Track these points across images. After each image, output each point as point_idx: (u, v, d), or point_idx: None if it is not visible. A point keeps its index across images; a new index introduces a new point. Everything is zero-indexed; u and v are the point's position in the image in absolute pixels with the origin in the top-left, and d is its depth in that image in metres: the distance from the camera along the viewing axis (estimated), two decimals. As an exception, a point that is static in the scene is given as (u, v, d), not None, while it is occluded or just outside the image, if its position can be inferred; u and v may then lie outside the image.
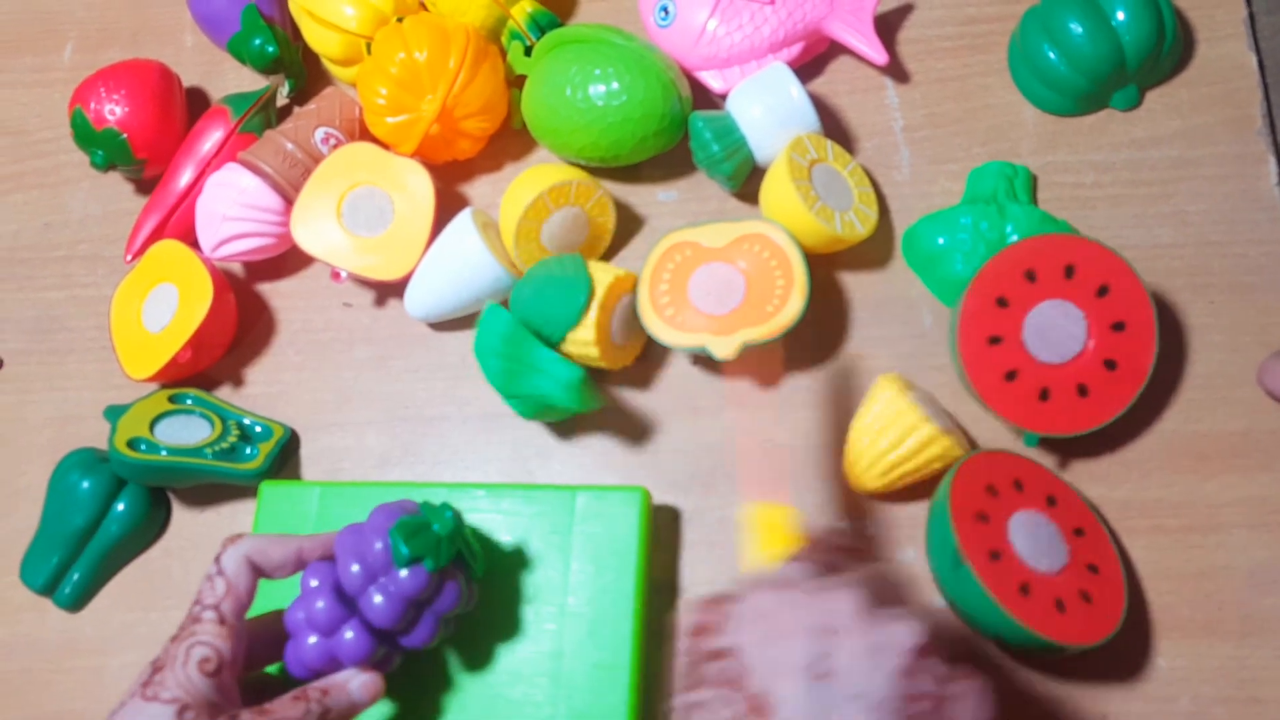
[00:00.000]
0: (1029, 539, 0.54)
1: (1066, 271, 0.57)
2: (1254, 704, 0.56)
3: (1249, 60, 0.66)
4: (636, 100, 0.63)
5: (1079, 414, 0.57)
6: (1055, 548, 0.54)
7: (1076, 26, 0.62)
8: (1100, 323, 0.56)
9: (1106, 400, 0.56)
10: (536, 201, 0.62)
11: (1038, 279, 0.57)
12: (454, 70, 0.64)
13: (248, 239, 0.67)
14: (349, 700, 0.50)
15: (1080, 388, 0.56)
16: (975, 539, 0.53)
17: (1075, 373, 0.57)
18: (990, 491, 0.55)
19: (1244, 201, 0.63)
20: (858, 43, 0.66)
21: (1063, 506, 0.56)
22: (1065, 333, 0.57)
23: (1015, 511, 0.55)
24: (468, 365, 0.67)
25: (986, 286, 0.57)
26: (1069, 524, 0.56)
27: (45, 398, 0.71)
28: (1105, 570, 0.55)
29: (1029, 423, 0.57)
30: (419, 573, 0.51)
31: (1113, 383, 0.56)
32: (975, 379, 0.57)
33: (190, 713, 0.47)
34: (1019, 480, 0.56)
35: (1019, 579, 0.53)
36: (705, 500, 0.62)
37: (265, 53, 0.70)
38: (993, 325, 0.57)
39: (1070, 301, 0.57)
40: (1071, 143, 0.66)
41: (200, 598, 0.50)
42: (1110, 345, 0.56)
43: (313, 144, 0.68)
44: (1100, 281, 0.56)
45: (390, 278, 0.65)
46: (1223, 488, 0.59)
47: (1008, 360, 0.57)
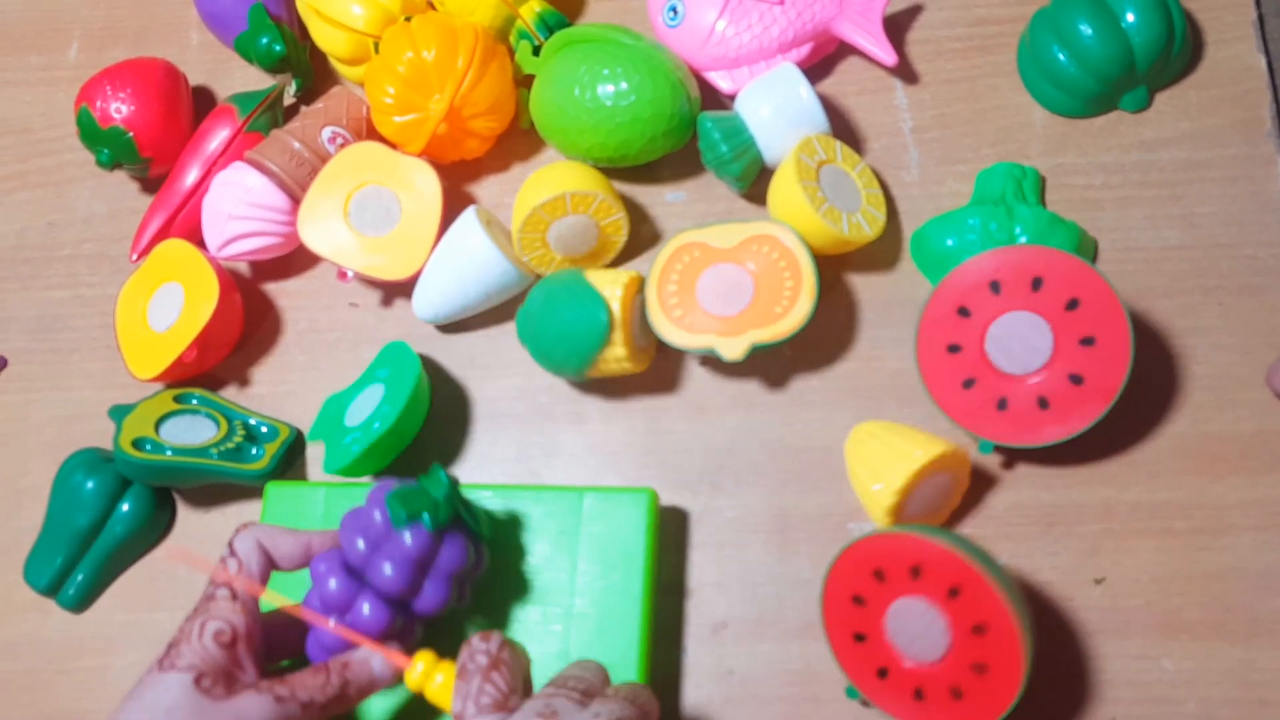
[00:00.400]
0: (905, 626, 0.52)
1: (1034, 284, 0.56)
2: (1262, 706, 0.56)
3: (1258, 62, 0.66)
4: (645, 100, 0.63)
5: (1037, 426, 0.56)
6: (934, 639, 0.51)
7: (1086, 28, 0.62)
8: (1067, 337, 0.55)
9: (1069, 414, 0.55)
10: (556, 199, 0.61)
11: (1002, 290, 0.56)
12: (462, 70, 0.64)
13: (254, 238, 0.67)
14: (370, 675, 0.51)
15: (1040, 400, 0.56)
16: (841, 620, 0.53)
17: (1037, 386, 0.56)
18: (877, 576, 0.52)
19: (1253, 203, 0.63)
20: (867, 43, 0.66)
21: (929, 573, 0.51)
22: (1027, 345, 0.56)
23: (886, 609, 0.52)
24: (473, 365, 0.67)
25: (948, 295, 0.57)
26: (968, 620, 0.50)
27: (50, 397, 0.71)
28: (992, 625, 0.50)
29: (984, 431, 0.56)
30: (419, 531, 0.51)
31: (1078, 397, 0.55)
32: (932, 385, 0.57)
33: (207, 679, 0.47)
34: (919, 567, 0.51)
35: (879, 663, 0.52)
36: (713, 501, 0.62)
37: (272, 51, 0.70)
38: (952, 334, 0.57)
39: (1036, 314, 0.56)
40: (1080, 144, 0.66)
41: (214, 578, 0.50)
42: (1076, 360, 0.55)
43: (320, 143, 0.68)
44: (1069, 295, 0.55)
45: (397, 277, 0.65)
46: (1231, 489, 0.59)
47: (965, 369, 0.57)
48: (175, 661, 0.47)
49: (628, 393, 0.65)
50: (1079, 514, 0.59)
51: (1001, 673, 0.50)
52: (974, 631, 0.50)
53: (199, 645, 0.48)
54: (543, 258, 0.64)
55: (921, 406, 0.62)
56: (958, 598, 0.50)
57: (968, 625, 0.50)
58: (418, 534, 0.51)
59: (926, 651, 0.51)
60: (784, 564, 0.60)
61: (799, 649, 0.59)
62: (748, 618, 0.60)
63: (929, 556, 0.51)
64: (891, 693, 0.53)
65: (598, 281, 0.60)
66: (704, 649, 0.60)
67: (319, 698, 0.49)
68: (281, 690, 0.48)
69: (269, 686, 0.48)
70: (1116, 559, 0.58)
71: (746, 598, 0.60)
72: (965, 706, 0.51)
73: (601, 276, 0.61)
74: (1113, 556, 0.58)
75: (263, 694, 0.48)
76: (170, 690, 0.47)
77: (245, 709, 0.47)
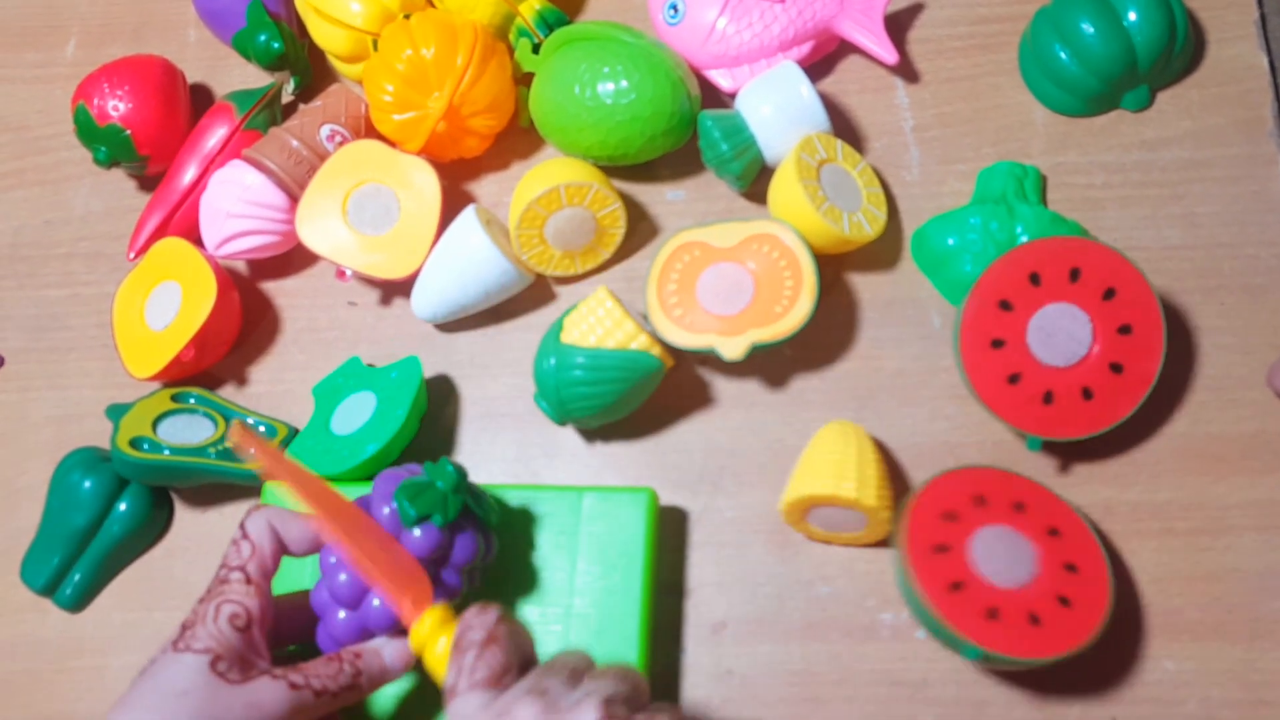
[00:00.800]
0: (993, 557, 0.53)
1: (1072, 275, 0.56)
2: (1263, 707, 0.55)
3: (1260, 61, 0.66)
4: (645, 99, 0.62)
5: (1083, 418, 0.56)
6: (1023, 558, 0.53)
7: (1088, 26, 0.62)
8: (1106, 326, 0.56)
9: (1112, 404, 0.56)
10: (551, 192, 0.61)
11: (1042, 282, 0.56)
12: (461, 67, 0.64)
13: (252, 236, 0.67)
14: (381, 666, 0.51)
15: (1085, 391, 0.56)
16: (933, 576, 0.53)
17: (1080, 376, 0.56)
18: (948, 518, 0.54)
19: (1255, 203, 0.63)
20: (868, 42, 0.66)
21: (1032, 510, 0.54)
22: (1070, 336, 0.56)
23: (975, 531, 0.53)
24: (473, 365, 0.67)
25: (989, 289, 0.57)
26: (1040, 527, 0.54)
27: (46, 396, 0.70)
28: (1085, 567, 0.53)
29: (1032, 426, 0.56)
30: (430, 530, 0.51)
31: (1118, 386, 0.56)
32: (977, 382, 0.57)
33: (223, 663, 0.47)
34: (981, 495, 0.54)
35: (985, 605, 0.52)
36: (713, 501, 0.62)
37: (270, 49, 0.69)
38: (995, 328, 0.57)
39: (1075, 305, 0.56)
40: (1082, 143, 0.66)
41: (226, 560, 0.50)
42: (1116, 349, 0.56)
43: (318, 141, 0.67)
44: (1106, 284, 0.56)
45: (396, 276, 0.65)
46: (1233, 490, 0.59)
47: (1010, 364, 0.57)
48: (190, 643, 0.47)
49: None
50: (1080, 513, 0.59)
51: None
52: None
53: (214, 628, 0.47)
54: (542, 255, 0.64)
55: (922, 406, 0.62)
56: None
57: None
58: (428, 533, 0.51)
59: (1009, 577, 0.52)
60: (784, 564, 0.60)
61: (799, 649, 0.59)
62: (747, 618, 0.60)
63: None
64: (964, 607, 0.52)
65: (610, 334, 0.59)
66: (703, 649, 0.59)
67: (332, 686, 0.49)
68: (296, 678, 0.48)
69: (283, 673, 0.48)
70: (1118, 559, 0.58)
71: (746, 598, 0.60)
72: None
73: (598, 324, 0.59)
74: (1114, 556, 0.58)
75: (277, 680, 0.48)
76: (186, 672, 0.46)
77: (260, 695, 0.47)
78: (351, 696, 0.50)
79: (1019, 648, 0.51)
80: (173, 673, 0.46)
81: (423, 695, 0.57)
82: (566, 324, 0.60)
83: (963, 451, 0.61)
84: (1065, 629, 0.52)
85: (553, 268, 0.65)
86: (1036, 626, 0.52)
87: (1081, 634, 0.51)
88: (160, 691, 0.46)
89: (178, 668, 0.46)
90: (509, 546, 0.59)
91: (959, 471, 0.55)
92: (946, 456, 0.61)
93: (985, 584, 0.52)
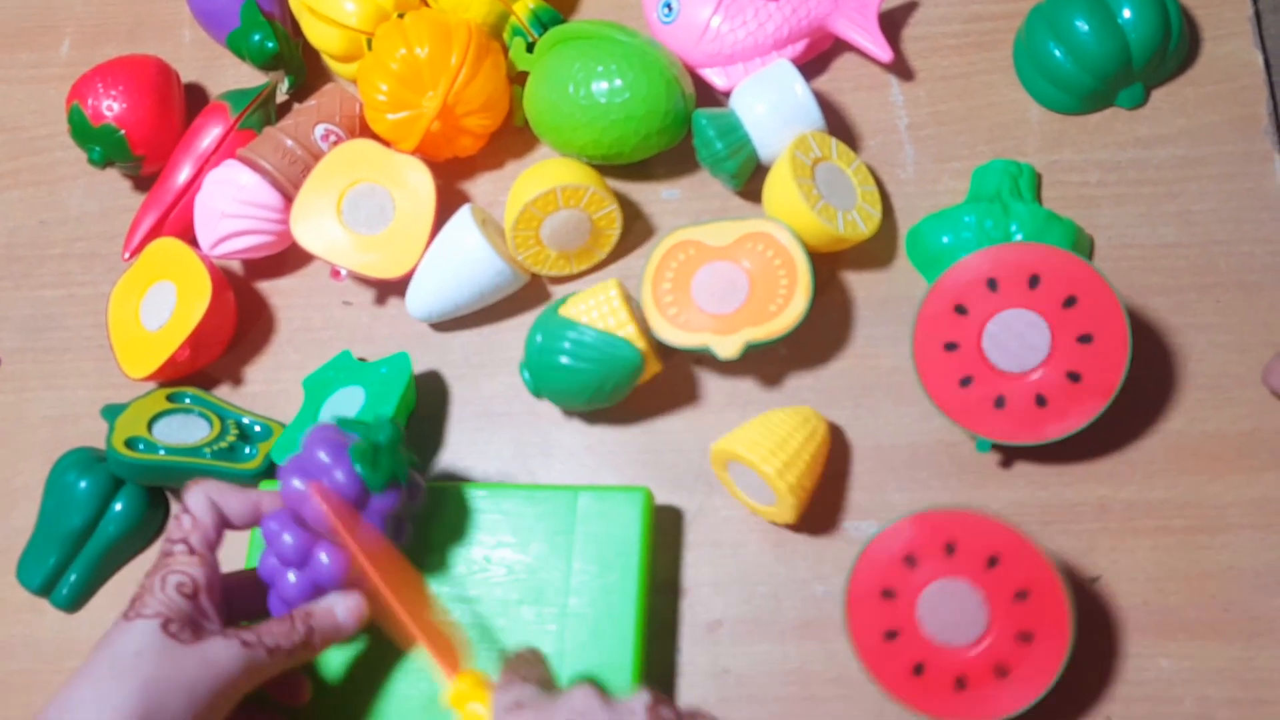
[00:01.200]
0: (940, 612, 0.52)
1: (1031, 281, 0.56)
2: (1260, 705, 0.55)
3: (1255, 59, 0.66)
4: (640, 97, 0.62)
5: (1035, 424, 0.56)
6: (973, 619, 0.52)
7: (1082, 24, 0.62)
8: (1065, 334, 0.55)
9: (1067, 412, 0.55)
10: (547, 194, 0.61)
11: (999, 288, 0.56)
12: (455, 67, 0.64)
13: (247, 236, 0.67)
14: (334, 622, 0.52)
15: (1039, 398, 0.56)
16: (869, 620, 0.53)
17: (1035, 383, 0.56)
18: (908, 562, 0.53)
19: (1250, 200, 0.63)
20: (862, 40, 0.66)
21: (1006, 567, 0.52)
22: (1025, 343, 0.56)
23: (931, 582, 0.52)
24: (468, 364, 0.67)
25: (946, 293, 0.57)
26: (1009, 588, 0.51)
27: (42, 397, 0.70)
28: (1041, 637, 0.51)
29: (980, 428, 0.56)
30: (393, 491, 0.52)
31: (1076, 395, 0.55)
32: (928, 383, 0.57)
33: (174, 625, 0.47)
34: (953, 543, 0.52)
35: (915, 659, 0.52)
36: (708, 500, 0.62)
37: (265, 48, 0.69)
38: (949, 332, 0.57)
39: (1034, 311, 0.56)
40: (1076, 141, 0.65)
41: (169, 535, 0.51)
42: (1075, 357, 0.55)
43: (313, 140, 0.67)
44: (1067, 292, 0.55)
45: (391, 276, 0.65)
46: (1229, 488, 0.59)
47: (963, 367, 0.56)
48: (141, 610, 0.48)
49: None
50: (1075, 512, 0.59)
51: (1049, 635, 0.51)
52: (1016, 599, 0.51)
53: (162, 595, 0.48)
54: (538, 255, 0.64)
55: (917, 404, 0.62)
56: (997, 566, 0.51)
57: (1009, 594, 0.51)
58: (391, 493, 0.52)
59: (965, 634, 0.52)
60: (780, 563, 0.60)
61: (795, 648, 0.59)
62: (743, 617, 0.60)
63: (962, 530, 0.52)
64: (930, 689, 0.52)
65: (603, 318, 0.59)
66: (699, 648, 0.59)
67: (284, 644, 0.50)
68: (248, 636, 0.49)
69: (235, 633, 0.49)
70: (1113, 557, 0.58)
71: (742, 597, 0.60)
72: (1011, 683, 0.51)
73: (595, 307, 0.60)
74: (1109, 555, 0.58)
75: (229, 639, 0.48)
76: (137, 635, 0.47)
77: (213, 653, 0.47)
78: (305, 654, 0.51)
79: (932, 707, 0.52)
80: (125, 638, 0.47)
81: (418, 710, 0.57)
82: (570, 301, 0.60)
83: (956, 450, 0.61)
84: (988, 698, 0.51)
85: (548, 268, 0.65)
86: (958, 692, 0.52)
87: (1051, 666, 0.51)
88: (114, 656, 0.46)
89: (130, 633, 0.47)
90: (504, 545, 0.59)
91: (931, 514, 0.53)
92: (941, 455, 0.61)
93: (921, 638, 0.52)
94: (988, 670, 0.51)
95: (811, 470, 0.57)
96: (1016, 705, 0.51)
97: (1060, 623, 0.51)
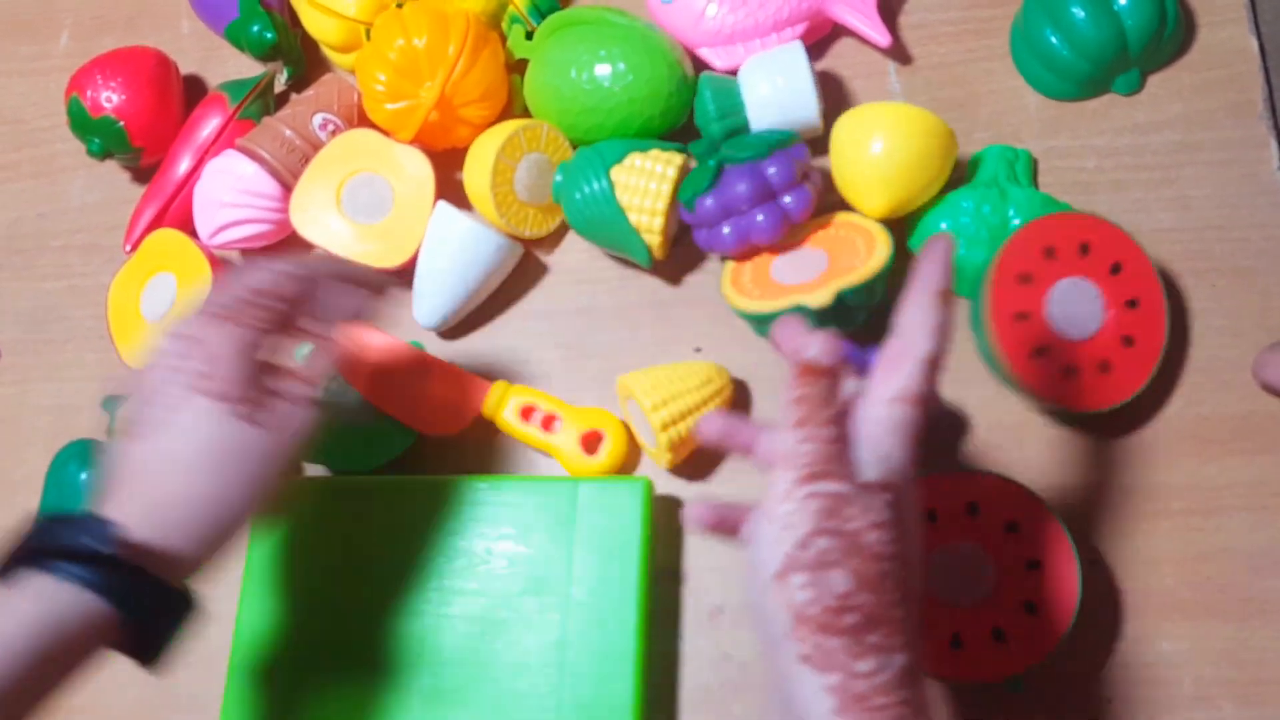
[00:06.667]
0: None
1: (1082, 249, 0.57)
2: (1257, 685, 0.56)
3: (1250, 44, 0.66)
4: (643, 80, 0.63)
5: (1101, 390, 0.57)
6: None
7: (1079, 10, 0.62)
8: (1116, 300, 0.57)
9: (1126, 376, 0.57)
10: (511, 139, 0.64)
11: (1057, 256, 0.57)
12: (453, 57, 0.64)
13: (245, 226, 0.67)
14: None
15: (1102, 364, 0.57)
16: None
17: (1097, 349, 0.57)
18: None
19: (1246, 186, 0.63)
20: (860, 25, 0.66)
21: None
22: (1085, 309, 0.57)
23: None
24: (470, 355, 0.67)
25: (1011, 262, 0.57)
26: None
27: (43, 388, 0.70)
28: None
29: (1060, 398, 0.57)
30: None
31: (1131, 359, 0.57)
32: (1011, 355, 0.57)
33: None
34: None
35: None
36: (708, 488, 0.62)
37: (264, 39, 0.69)
38: (1019, 301, 0.57)
39: (1087, 278, 0.57)
40: (1073, 127, 0.66)
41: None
42: (1126, 322, 0.57)
43: (311, 130, 0.67)
44: (1113, 259, 0.57)
45: (390, 265, 0.65)
46: (1224, 471, 0.59)
47: (1035, 336, 0.57)
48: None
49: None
50: (1072, 496, 0.59)
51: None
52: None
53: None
54: (520, 214, 0.65)
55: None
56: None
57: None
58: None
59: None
60: (780, 549, 0.60)
61: (795, 633, 0.59)
62: (745, 603, 0.60)
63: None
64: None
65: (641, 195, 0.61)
66: (701, 634, 0.60)
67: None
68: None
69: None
70: (1110, 541, 0.58)
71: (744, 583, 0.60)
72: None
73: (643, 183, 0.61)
74: (1106, 539, 0.58)
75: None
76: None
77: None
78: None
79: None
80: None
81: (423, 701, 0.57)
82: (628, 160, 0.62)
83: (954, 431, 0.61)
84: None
85: (530, 225, 0.66)
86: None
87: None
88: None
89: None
90: (507, 537, 0.59)
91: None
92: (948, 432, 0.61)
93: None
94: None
95: (688, 414, 0.59)
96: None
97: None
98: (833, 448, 0.41)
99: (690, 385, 0.59)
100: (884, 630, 0.39)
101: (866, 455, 0.42)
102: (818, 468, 0.41)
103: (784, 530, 0.40)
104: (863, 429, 0.43)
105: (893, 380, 0.43)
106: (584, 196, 0.62)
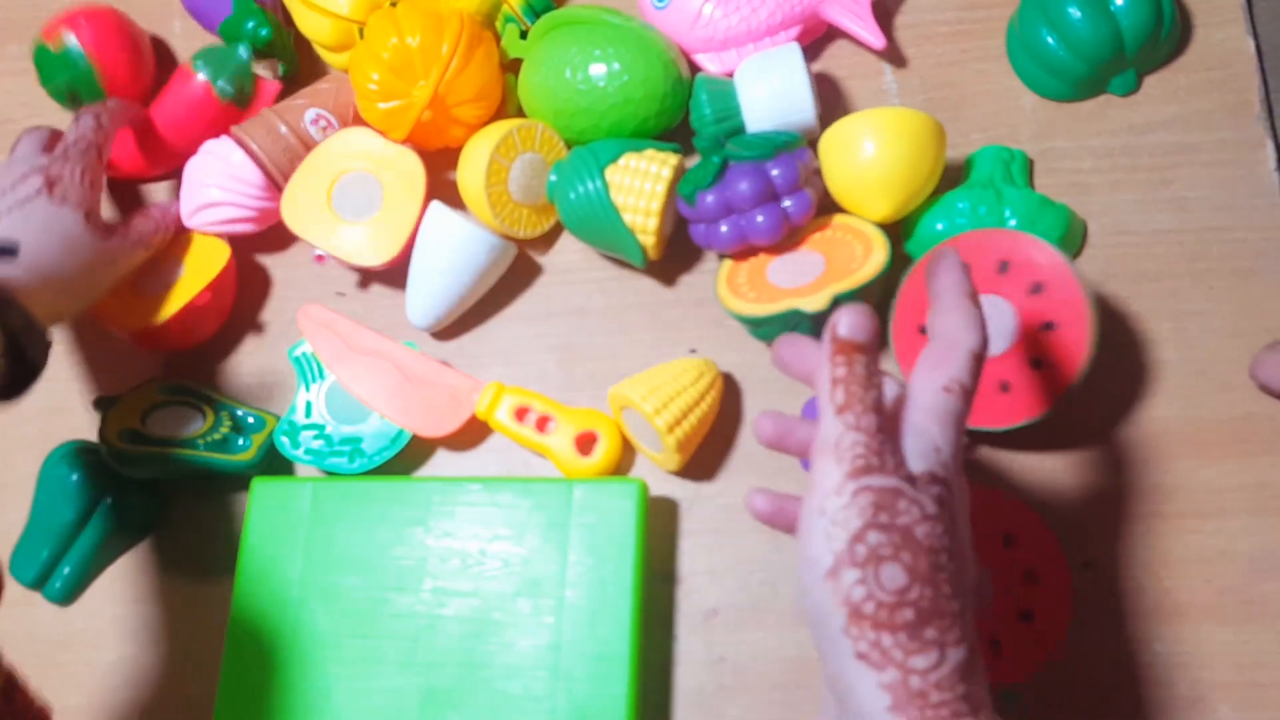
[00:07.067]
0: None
1: (1000, 266, 0.56)
2: (1253, 688, 0.56)
3: (1247, 45, 0.66)
4: (638, 80, 0.62)
5: (998, 409, 0.56)
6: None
7: (1075, 11, 0.62)
8: (1030, 321, 0.56)
9: (1029, 399, 0.55)
10: (506, 139, 0.64)
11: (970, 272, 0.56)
12: (447, 56, 0.63)
13: (225, 208, 0.67)
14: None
15: (1003, 384, 0.56)
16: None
17: (1000, 368, 0.56)
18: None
19: (1243, 187, 0.63)
20: (855, 27, 0.66)
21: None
22: (993, 328, 0.55)
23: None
24: (463, 356, 0.66)
25: (920, 274, 0.57)
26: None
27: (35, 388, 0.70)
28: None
29: None
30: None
31: (1038, 382, 0.55)
32: (905, 365, 0.57)
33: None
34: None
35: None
36: (703, 490, 0.62)
37: (259, 35, 0.69)
38: (924, 315, 0.57)
39: (1000, 297, 0.56)
40: (1070, 128, 0.65)
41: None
42: (1038, 345, 0.55)
43: (304, 127, 0.67)
44: (1033, 280, 0.55)
45: (378, 263, 0.65)
46: (1222, 473, 0.59)
47: None
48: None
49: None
50: (1067, 498, 0.59)
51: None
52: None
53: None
54: (513, 214, 0.65)
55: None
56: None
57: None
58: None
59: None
60: (776, 551, 0.60)
61: (792, 636, 0.59)
62: (740, 605, 0.60)
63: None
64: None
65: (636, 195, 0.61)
66: (695, 637, 0.59)
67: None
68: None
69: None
70: (1108, 544, 0.58)
71: (738, 585, 0.60)
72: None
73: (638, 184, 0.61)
74: (1103, 541, 0.58)
75: None
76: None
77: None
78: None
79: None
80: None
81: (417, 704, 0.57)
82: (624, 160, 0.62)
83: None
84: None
85: (524, 226, 0.66)
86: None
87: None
88: None
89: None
90: (500, 539, 0.59)
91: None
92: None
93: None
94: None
95: (688, 412, 0.59)
96: None
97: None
98: (880, 439, 0.40)
99: (684, 384, 0.59)
100: (940, 624, 0.39)
101: (914, 447, 0.41)
102: (867, 461, 0.40)
103: (835, 526, 0.39)
104: (910, 419, 0.42)
105: (942, 370, 0.43)
106: (578, 196, 0.61)
